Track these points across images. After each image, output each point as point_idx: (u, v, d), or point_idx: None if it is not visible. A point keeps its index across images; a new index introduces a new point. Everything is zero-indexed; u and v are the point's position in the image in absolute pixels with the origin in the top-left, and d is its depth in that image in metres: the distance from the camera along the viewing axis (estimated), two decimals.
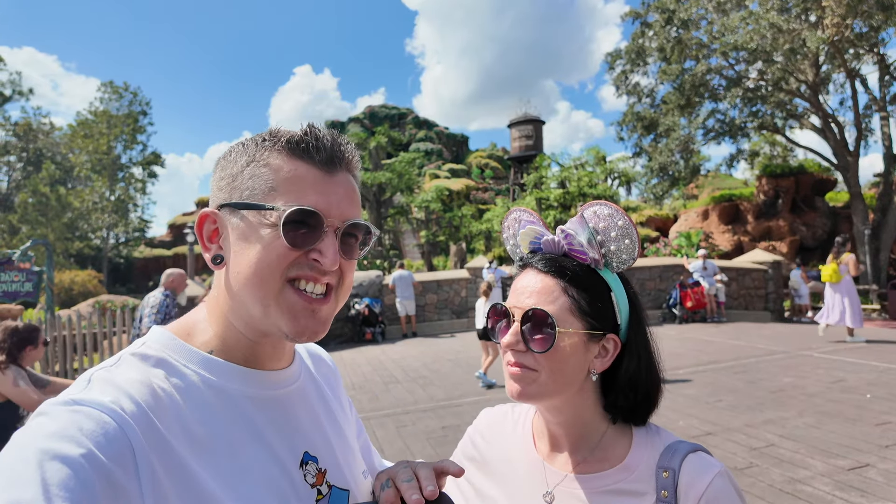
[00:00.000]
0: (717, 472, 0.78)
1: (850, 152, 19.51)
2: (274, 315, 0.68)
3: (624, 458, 0.84)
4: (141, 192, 47.78)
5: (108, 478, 0.52)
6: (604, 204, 0.86)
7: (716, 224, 24.41)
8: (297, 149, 0.69)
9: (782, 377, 7.09)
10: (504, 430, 1.01)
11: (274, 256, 0.67)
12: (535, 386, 0.82)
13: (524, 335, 0.83)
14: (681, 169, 21.96)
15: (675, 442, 0.84)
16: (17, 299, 10.12)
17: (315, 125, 0.72)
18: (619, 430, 0.89)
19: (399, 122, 62.97)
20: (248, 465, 0.65)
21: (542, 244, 0.90)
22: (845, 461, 4.18)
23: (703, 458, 0.81)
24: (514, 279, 0.92)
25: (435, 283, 13.79)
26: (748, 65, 20.38)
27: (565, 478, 0.87)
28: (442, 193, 32.53)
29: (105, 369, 0.64)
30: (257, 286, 0.67)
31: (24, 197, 40.95)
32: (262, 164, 0.69)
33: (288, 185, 0.68)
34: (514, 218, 0.96)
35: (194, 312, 0.77)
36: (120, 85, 46.76)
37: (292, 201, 0.67)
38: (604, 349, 0.86)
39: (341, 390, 0.97)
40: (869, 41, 17.69)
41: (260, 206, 0.67)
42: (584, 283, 0.84)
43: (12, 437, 0.54)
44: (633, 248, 0.85)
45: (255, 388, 0.71)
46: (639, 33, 22.73)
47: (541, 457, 0.92)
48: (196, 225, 0.73)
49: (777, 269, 14.45)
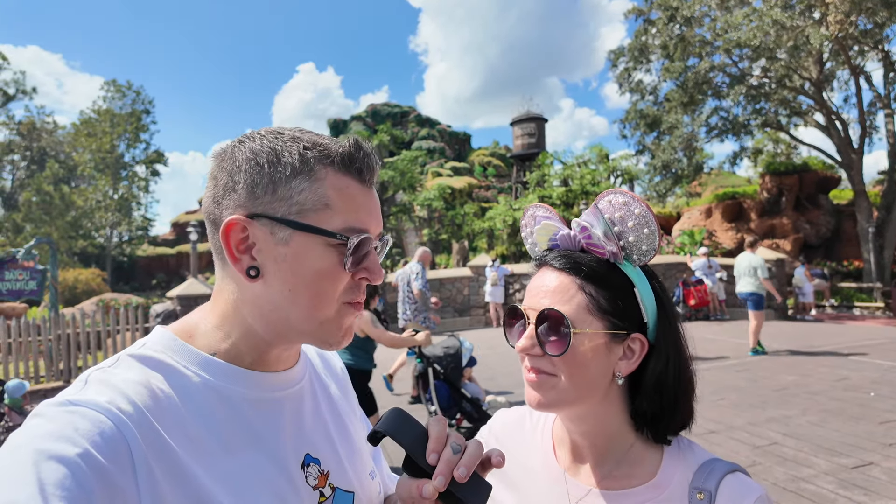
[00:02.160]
0: (757, 497, 0.73)
1: (854, 149, 19.42)
2: (327, 330, 0.70)
3: (654, 475, 0.79)
4: (144, 190, 47.95)
5: (104, 478, 0.52)
6: (619, 192, 0.80)
7: (719, 222, 24.33)
8: (350, 165, 0.69)
9: (785, 375, 7.07)
10: (521, 435, 0.96)
11: (339, 283, 0.68)
12: (555, 392, 0.77)
13: (540, 338, 0.78)
14: (684, 167, 21.89)
15: (711, 460, 0.79)
16: (22, 297, 10.17)
17: (360, 139, 0.71)
18: (649, 444, 0.83)
19: (401, 121, 62.98)
20: (246, 467, 0.65)
21: (558, 240, 0.85)
22: (849, 459, 4.17)
23: (743, 481, 0.75)
24: (531, 279, 0.87)
25: (437, 281, 13.79)
26: (751, 62, 20.29)
27: (589, 492, 0.81)
28: (444, 192, 32.53)
29: (102, 370, 0.63)
30: (316, 308, 0.68)
31: (28, 195, 41.12)
32: (314, 178, 0.66)
33: (342, 203, 0.67)
34: (531, 215, 0.92)
35: (196, 313, 0.76)
36: (123, 83, 46.94)
37: (352, 222, 0.68)
38: (629, 350, 0.79)
39: (350, 389, 0.95)
40: (873, 38, 17.59)
41: (321, 230, 0.66)
42: (603, 279, 0.78)
43: (9, 438, 0.54)
44: (654, 238, 0.79)
45: (256, 390, 0.70)
46: (642, 31, 22.64)
47: (562, 467, 0.87)
48: (222, 232, 0.66)
49: (780, 267, 14.41)
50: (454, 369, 4.90)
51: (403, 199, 31.19)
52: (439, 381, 4.76)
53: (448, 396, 4.72)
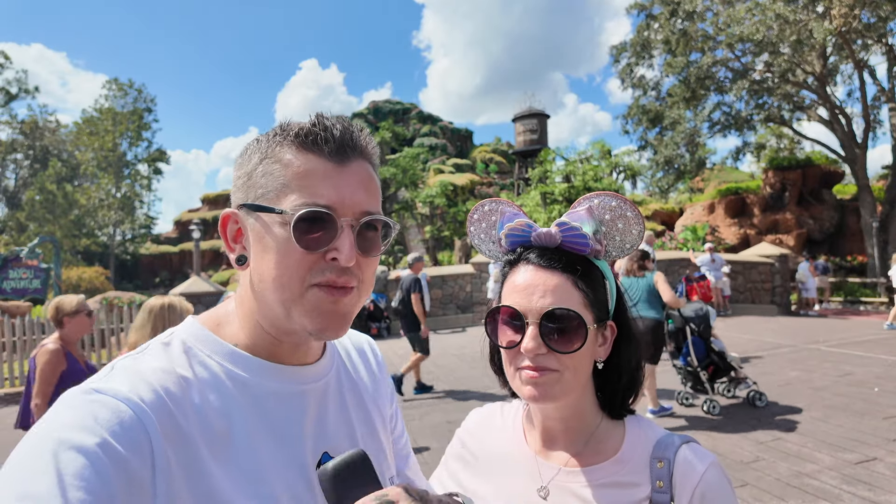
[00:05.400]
0: (710, 463, 0.79)
1: (857, 144, 19.33)
2: (297, 315, 0.66)
3: (618, 451, 0.84)
4: (146, 188, 48.01)
5: (123, 467, 0.52)
6: (611, 196, 0.84)
7: (722, 217, 24.27)
8: (306, 141, 0.67)
9: (789, 371, 7.06)
10: (493, 428, 0.99)
11: (292, 261, 0.65)
12: (560, 386, 0.79)
13: (544, 337, 0.79)
14: (686, 162, 21.84)
15: (668, 434, 0.85)
16: (26, 296, 10.20)
17: (324, 114, 0.70)
18: (612, 423, 0.89)
19: (403, 117, 62.91)
20: (264, 462, 0.64)
21: (532, 237, 0.84)
22: (853, 455, 4.16)
23: (697, 450, 0.81)
24: (507, 276, 0.86)
25: (440, 278, 13.79)
26: (754, 56, 20.20)
27: (559, 472, 0.86)
28: (446, 188, 32.46)
29: (130, 357, 0.64)
30: (279, 290, 0.66)
31: (32, 194, 41.23)
32: (274, 160, 0.67)
33: (299, 180, 0.65)
34: (490, 209, 0.91)
35: (225, 304, 0.76)
36: (125, 82, 46.98)
37: (305, 198, 0.64)
38: (603, 337, 0.85)
39: (382, 387, 0.92)
40: (877, 32, 17.48)
41: (269, 208, 0.65)
42: (589, 275, 0.83)
43: (31, 428, 0.54)
44: (639, 239, 0.85)
45: (280, 383, 0.70)
46: (644, 26, 22.56)
47: (533, 451, 0.91)
48: (220, 225, 0.71)
49: (784, 262, 14.37)
50: (705, 328, 5.70)
51: (405, 196, 31.17)
52: (696, 338, 5.68)
53: (703, 350, 5.65)
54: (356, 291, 0.69)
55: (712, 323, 5.78)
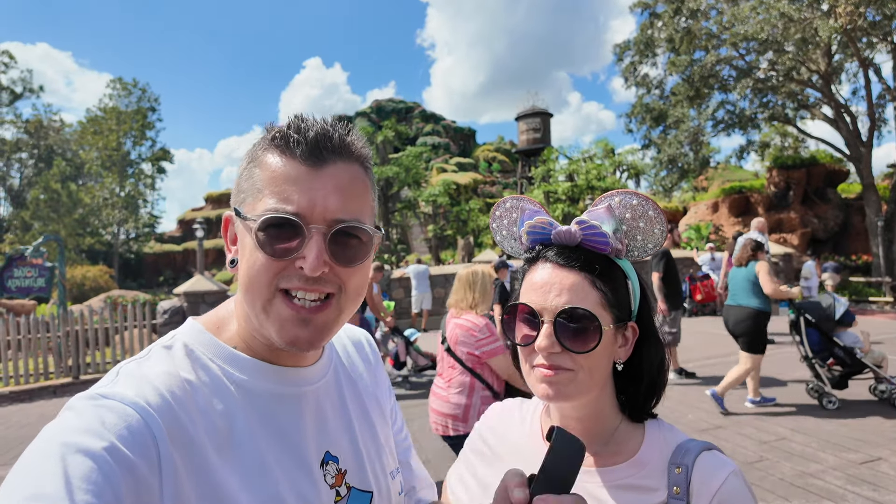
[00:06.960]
0: (731, 471, 0.77)
1: (862, 143, 19.23)
2: (265, 324, 0.65)
3: (636, 453, 0.83)
4: (150, 187, 48.19)
5: (130, 470, 0.52)
6: (632, 194, 0.83)
7: (726, 216, 24.18)
8: (280, 144, 0.65)
9: (793, 370, 7.04)
10: (512, 423, 0.99)
11: (258, 267, 0.64)
12: (574, 386, 0.79)
13: (558, 336, 0.78)
14: (690, 161, 21.76)
15: (689, 440, 0.83)
16: (30, 295, 10.24)
17: (303, 115, 0.67)
18: (632, 425, 0.87)
19: (406, 116, 62.98)
20: (269, 463, 0.65)
21: (552, 235, 0.84)
22: (857, 455, 4.15)
23: (717, 457, 0.80)
24: (526, 273, 0.86)
25: (443, 277, 13.79)
26: (759, 55, 20.09)
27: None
28: (449, 187, 32.46)
29: (135, 361, 0.65)
30: (249, 296, 0.65)
31: (36, 193, 41.39)
32: (256, 164, 0.66)
33: (272, 185, 0.64)
34: (511, 206, 0.90)
35: (226, 305, 0.76)
36: (129, 81, 47.15)
37: (275, 203, 0.63)
38: (624, 338, 0.84)
39: (381, 382, 0.93)
40: (882, 30, 17.37)
41: (242, 214, 0.65)
42: (609, 274, 0.82)
43: (40, 432, 0.55)
44: (661, 238, 0.84)
45: (279, 385, 0.70)
46: (647, 24, 22.48)
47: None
48: (222, 227, 0.73)
49: (788, 261, 14.32)
50: (826, 320, 5.50)
51: (408, 195, 31.19)
52: (811, 329, 5.52)
53: (819, 341, 5.48)
54: (335, 304, 0.67)
55: (836, 316, 5.49)
